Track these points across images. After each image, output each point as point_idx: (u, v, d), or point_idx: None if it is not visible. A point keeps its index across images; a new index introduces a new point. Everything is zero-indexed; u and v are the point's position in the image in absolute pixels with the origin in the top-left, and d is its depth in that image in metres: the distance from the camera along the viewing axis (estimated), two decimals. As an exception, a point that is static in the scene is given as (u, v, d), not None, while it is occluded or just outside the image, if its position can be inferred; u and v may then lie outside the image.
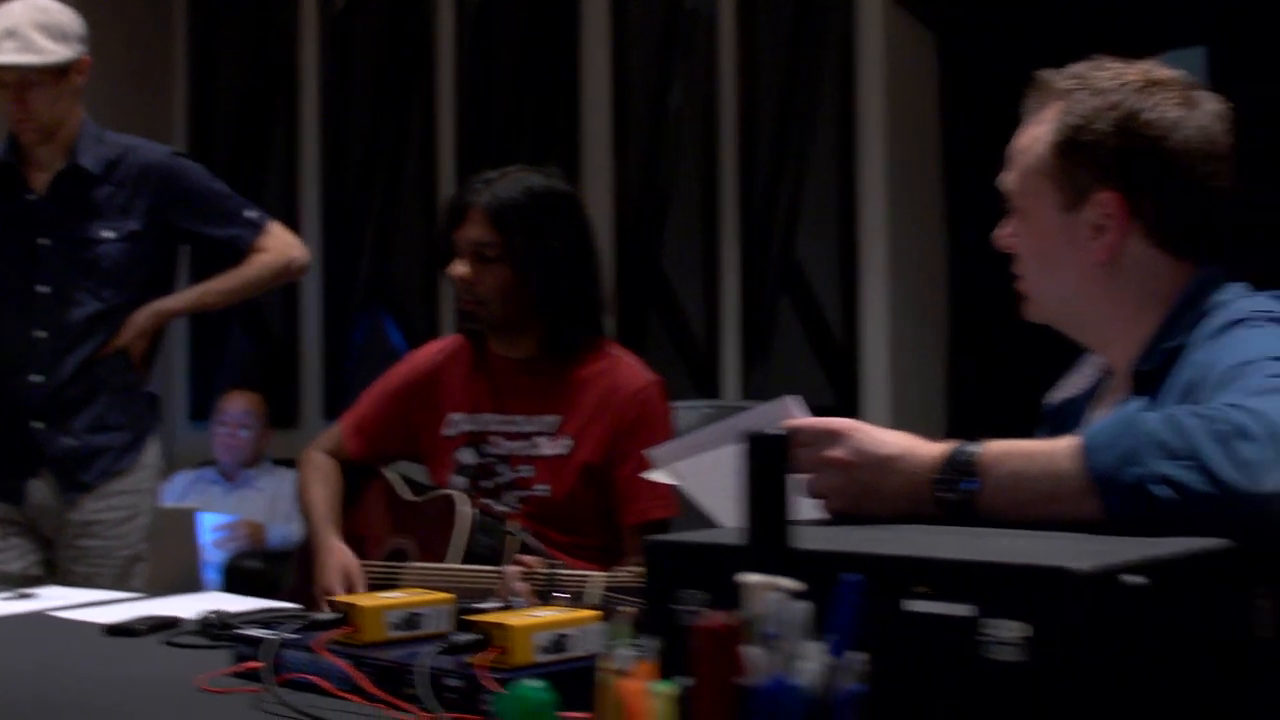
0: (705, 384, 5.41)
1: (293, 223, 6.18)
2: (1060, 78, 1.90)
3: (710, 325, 5.43)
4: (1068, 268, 1.89)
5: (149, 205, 3.51)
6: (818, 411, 1.71)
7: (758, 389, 5.21)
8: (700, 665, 0.90)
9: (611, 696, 0.97)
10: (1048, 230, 1.88)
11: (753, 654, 0.89)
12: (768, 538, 1.05)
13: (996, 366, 4.92)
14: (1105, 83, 1.88)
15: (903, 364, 5.11)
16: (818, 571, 1.10)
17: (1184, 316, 1.85)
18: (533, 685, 0.93)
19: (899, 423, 4.93)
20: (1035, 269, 1.92)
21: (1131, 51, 4.71)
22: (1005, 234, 1.95)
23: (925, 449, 1.57)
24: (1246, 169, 4.92)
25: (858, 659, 0.90)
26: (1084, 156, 1.85)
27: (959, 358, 5.21)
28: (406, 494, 3.01)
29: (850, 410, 5.03)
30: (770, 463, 1.07)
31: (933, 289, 5.20)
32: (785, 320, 5.25)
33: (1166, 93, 1.87)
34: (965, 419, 5.00)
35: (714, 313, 5.42)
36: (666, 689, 0.91)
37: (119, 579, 3.46)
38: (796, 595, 0.94)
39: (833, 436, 1.59)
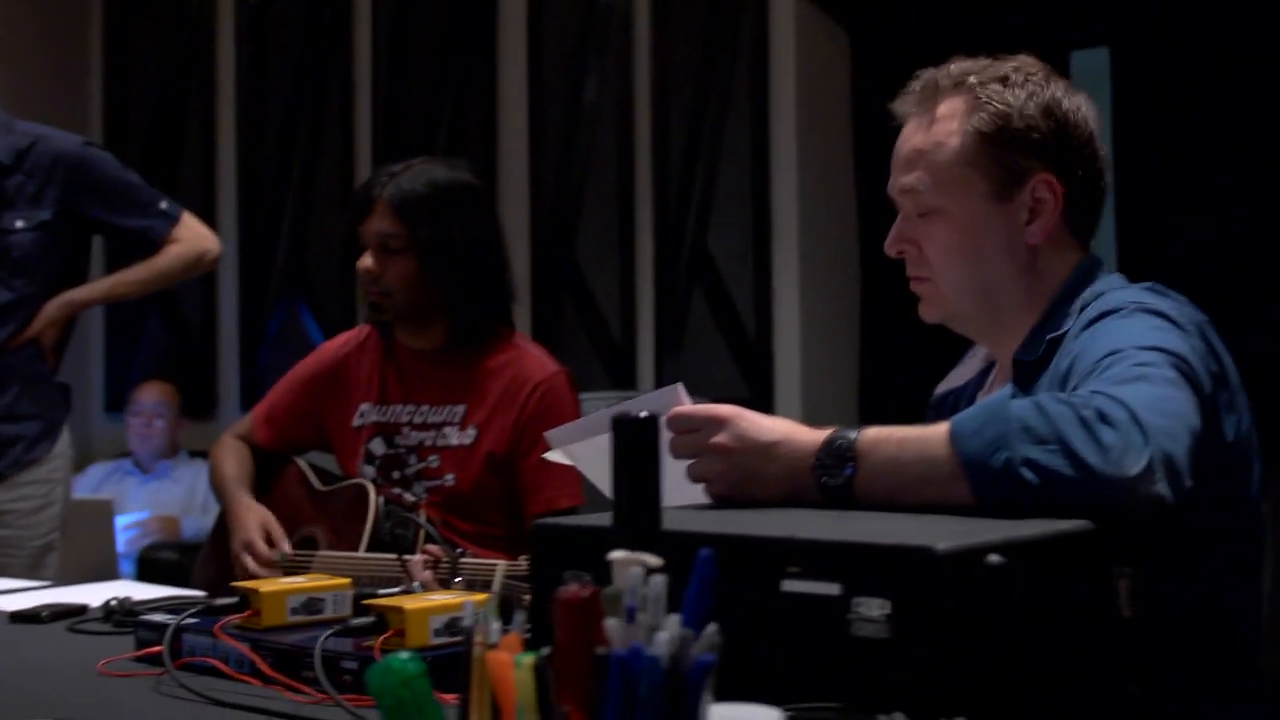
0: (621, 375, 5.45)
1: (209, 213, 6.18)
2: (948, 75, 1.95)
3: (625, 317, 5.47)
4: (995, 256, 1.92)
5: (60, 195, 3.49)
6: (733, 404, 1.74)
7: (672, 380, 5.24)
8: (561, 635, 0.95)
9: (479, 668, 1.01)
10: (973, 221, 1.91)
11: (612, 625, 0.94)
12: (636, 518, 1.10)
13: (908, 358, 4.99)
14: (1011, 73, 1.94)
15: (815, 356, 5.18)
16: (691, 553, 1.15)
17: (1064, 307, 1.91)
18: (402, 658, 0.97)
19: (811, 414, 5.02)
20: (953, 264, 1.93)
21: (1040, 51, 4.78)
22: (899, 239, 1.97)
23: (805, 435, 1.62)
24: (1147, 163, 5.02)
25: (711, 630, 0.95)
26: (1017, 143, 1.89)
27: (871, 350, 5.27)
28: (316, 483, 3.04)
29: (764, 401, 5.10)
30: (637, 445, 1.12)
31: (845, 282, 5.26)
32: (700, 313, 5.30)
33: (1058, 80, 1.95)
34: (877, 410, 5.06)
35: (629, 305, 5.46)
36: (527, 658, 0.95)
37: (31, 568, 3.46)
38: (660, 571, 0.99)
39: (715, 423, 1.64)
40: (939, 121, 1.93)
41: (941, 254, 1.93)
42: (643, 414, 1.14)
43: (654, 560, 0.98)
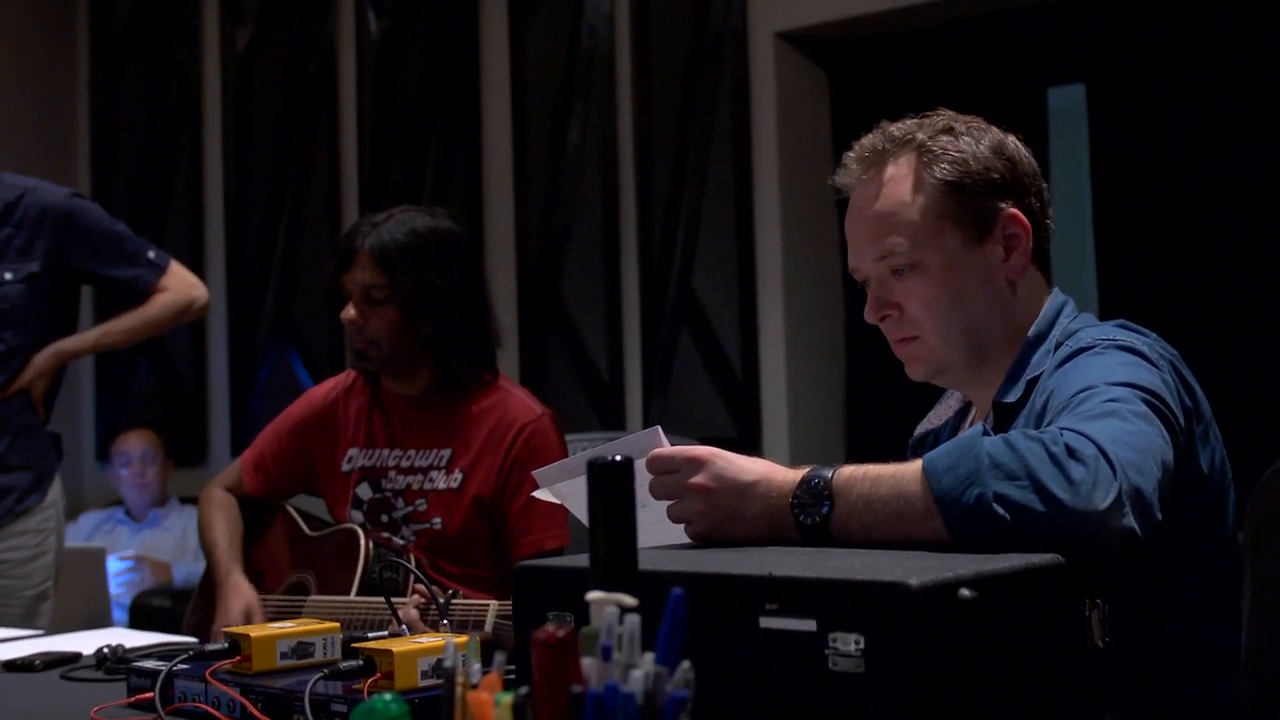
0: (609, 415, 5.47)
1: (197, 261, 6.21)
2: (887, 138, 1.97)
3: (612, 358, 5.49)
4: (978, 298, 1.95)
5: (48, 247, 3.50)
6: (721, 444, 1.76)
7: (660, 420, 5.27)
8: (538, 674, 0.97)
9: (460, 708, 1.04)
10: (953, 269, 1.93)
11: (588, 664, 0.97)
12: (612, 559, 1.13)
13: (894, 395, 5.01)
14: (951, 124, 1.98)
15: (801, 394, 5.20)
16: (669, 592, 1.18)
17: (1039, 347, 1.94)
18: (385, 698, 1.00)
19: (798, 451, 5.05)
20: (939, 314, 1.95)
21: (1018, 88, 4.82)
22: (879, 306, 1.98)
23: (782, 475, 1.65)
24: (1124, 198, 5.05)
25: (684, 667, 0.98)
26: (980, 187, 1.93)
27: (856, 386, 5.30)
28: (305, 529, 3.06)
29: (752, 440, 5.12)
30: (612, 487, 1.14)
31: (830, 320, 5.30)
32: (686, 352, 5.32)
33: (989, 125, 1.99)
34: (864, 447, 5.10)
35: (616, 345, 5.48)
36: (506, 697, 0.98)
37: (25, 618, 3.46)
38: (637, 610, 1.02)
39: (694, 464, 1.67)
40: (892, 182, 1.95)
41: (926, 307, 1.95)
42: (617, 457, 1.17)
43: (629, 600, 1.01)
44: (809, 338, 5.23)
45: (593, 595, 1.04)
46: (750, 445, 5.07)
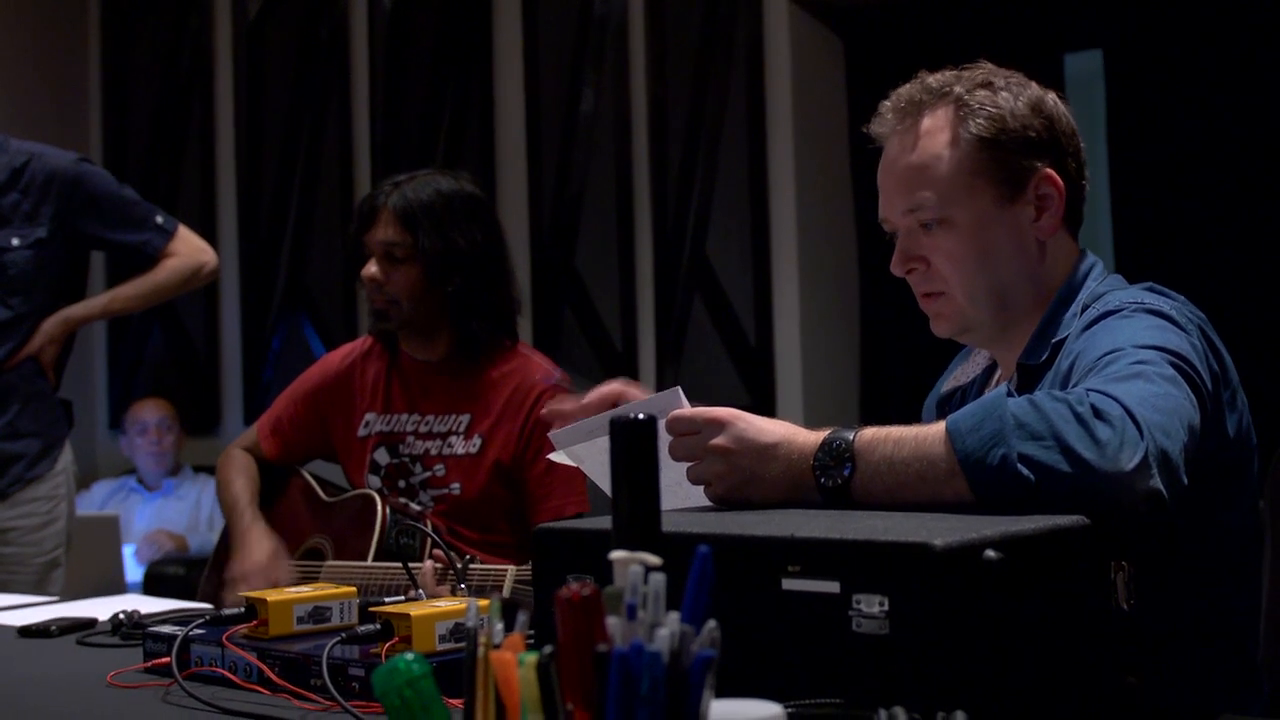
0: (623, 384, 5.45)
1: (210, 229, 6.19)
2: (925, 89, 1.95)
3: (626, 325, 5.48)
4: (1007, 257, 1.93)
5: (55, 212, 3.50)
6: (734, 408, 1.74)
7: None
8: (563, 634, 0.96)
9: (483, 668, 1.03)
10: (983, 227, 1.91)
11: (613, 623, 0.96)
12: (635, 520, 1.11)
13: (908, 361, 5.00)
14: (990, 78, 1.95)
15: (815, 361, 5.19)
16: (691, 553, 1.16)
17: (1065, 309, 1.92)
18: (407, 658, 0.99)
19: (813, 419, 5.03)
20: (967, 272, 1.93)
21: (1035, 55, 4.80)
22: (906, 258, 1.96)
23: (804, 436, 1.63)
24: (1140, 164, 5.03)
25: (710, 626, 0.97)
26: (1016, 144, 1.91)
27: (871, 353, 5.29)
28: (322, 495, 3.06)
29: (765, 407, 5.11)
30: (635, 447, 1.13)
31: (844, 286, 5.28)
32: (700, 320, 5.31)
33: (1027, 80, 1.97)
34: (879, 414, 5.06)
35: (629, 313, 5.47)
36: (530, 657, 0.97)
37: (36, 585, 3.47)
38: (660, 571, 1.00)
39: (715, 425, 1.65)
40: (927, 135, 1.93)
41: (954, 264, 1.93)
42: (640, 416, 1.15)
43: (653, 559, 1.00)
44: (823, 305, 5.22)
45: (616, 554, 1.02)
46: (763, 413, 4.99)
